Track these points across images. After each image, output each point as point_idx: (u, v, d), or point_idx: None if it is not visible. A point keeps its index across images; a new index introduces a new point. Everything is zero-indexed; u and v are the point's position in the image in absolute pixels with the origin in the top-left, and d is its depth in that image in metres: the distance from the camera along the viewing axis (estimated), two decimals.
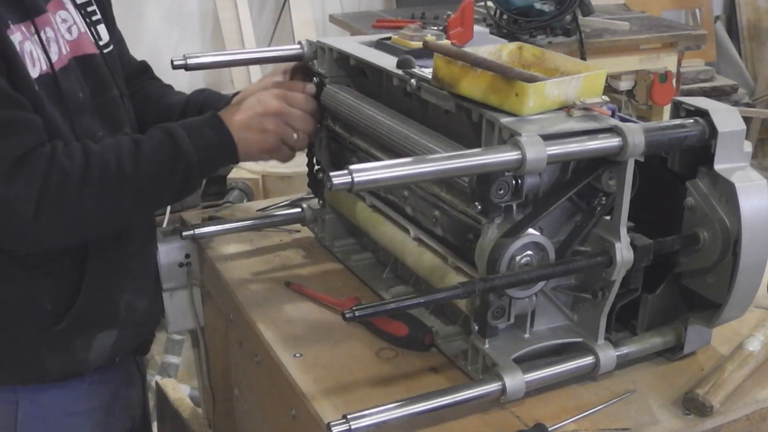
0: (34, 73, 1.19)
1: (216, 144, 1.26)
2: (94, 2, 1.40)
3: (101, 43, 1.38)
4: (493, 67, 1.04)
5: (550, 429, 1.01)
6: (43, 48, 1.22)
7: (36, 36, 1.21)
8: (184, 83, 4.18)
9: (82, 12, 1.36)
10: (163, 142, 1.24)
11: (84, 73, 1.31)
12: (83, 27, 1.34)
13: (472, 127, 1.08)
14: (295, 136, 1.31)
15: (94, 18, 1.39)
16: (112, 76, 1.38)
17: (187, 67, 1.35)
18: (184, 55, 1.35)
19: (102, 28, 1.40)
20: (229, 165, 1.39)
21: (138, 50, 1.62)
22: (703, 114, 1.05)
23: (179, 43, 3.94)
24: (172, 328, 1.57)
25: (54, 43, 1.25)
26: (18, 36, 1.18)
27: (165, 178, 1.23)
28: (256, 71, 3.71)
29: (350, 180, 0.86)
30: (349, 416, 0.94)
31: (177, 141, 1.23)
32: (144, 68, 1.61)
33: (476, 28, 1.34)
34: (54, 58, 1.24)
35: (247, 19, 3.87)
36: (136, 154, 1.21)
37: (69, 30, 1.31)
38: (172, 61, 1.33)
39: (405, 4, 3.99)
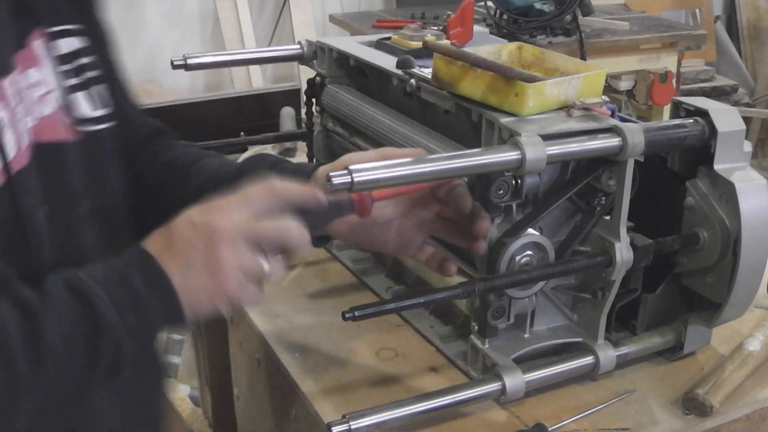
0: None
1: (151, 304, 0.79)
2: (92, 44, 0.95)
3: (94, 114, 0.93)
4: (493, 67, 1.04)
5: (550, 429, 1.01)
6: None
7: None
8: (184, 83, 4.19)
9: (70, 67, 0.91)
10: (74, 314, 0.76)
11: (46, 175, 0.85)
12: (60, 96, 0.89)
13: (472, 127, 1.08)
14: (266, 267, 0.82)
15: (89, 75, 0.93)
16: (91, 175, 0.92)
17: (187, 67, 1.35)
18: (183, 55, 1.35)
19: (101, 90, 0.95)
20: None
21: (138, 50, 1.61)
22: (703, 114, 1.05)
23: (179, 43, 3.94)
24: None
25: (10, 130, 0.80)
26: None
27: (82, 372, 0.78)
28: (256, 71, 3.71)
29: (350, 180, 0.86)
30: (349, 416, 0.94)
31: (95, 310, 0.77)
32: (159, 131, 1.13)
33: (476, 28, 1.34)
34: (11, 153, 0.80)
35: (247, 19, 3.87)
36: (33, 345, 0.74)
37: (41, 100, 0.86)
38: (172, 61, 1.33)
39: (405, 4, 3.99)
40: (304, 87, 1.45)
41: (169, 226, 0.83)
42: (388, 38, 1.33)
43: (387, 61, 1.24)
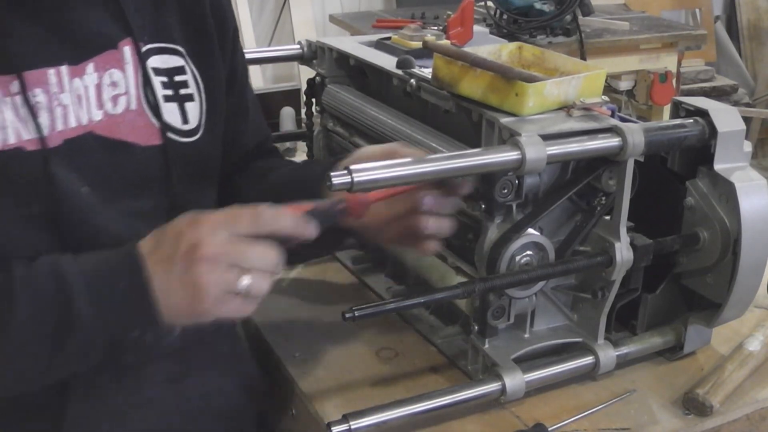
0: None
1: (130, 308, 0.85)
2: (191, 71, 1.04)
3: (185, 127, 1.02)
4: (493, 67, 1.04)
5: (549, 429, 1.01)
6: (31, 114, 0.90)
7: (19, 97, 0.89)
8: None
9: (166, 80, 1.01)
10: (49, 300, 0.84)
11: (109, 163, 0.96)
12: (138, 102, 0.98)
13: (472, 127, 1.08)
14: (245, 282, 0.85)
15: (181, 92, 1.03)
16: (169, 176, 1.00)
17: None
18: None
19: (192, 107, 1.03)
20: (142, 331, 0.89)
21: None
22: (703, 114, 1.05)
23: None
24: None
25: (46, 112, 0.91)
26: None
27: (43, 354, 0.85)
28: (256, 71, 3.71)
29: (350, 180, 0.86)
30: (349, 416, 0.94)
31: (71, 303, 0.83)
32: (263, 143, 1.24)
33: (476, 28, 1.34)
34: (45, 131, 0.91)
35: (247, 19, 3.87)
36: (2, 314, 0.83)
37: (114, 99, 0.97)
38: None
39: (405, 4, 3.98)
40: (304, 87, 1.45)
41: (163, 231, 0.88)
42: (388, 38, 1.33)
43: (387, 61, 1.24)
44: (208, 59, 1.07)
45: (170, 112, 1.01)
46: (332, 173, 0.85)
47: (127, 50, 0.98)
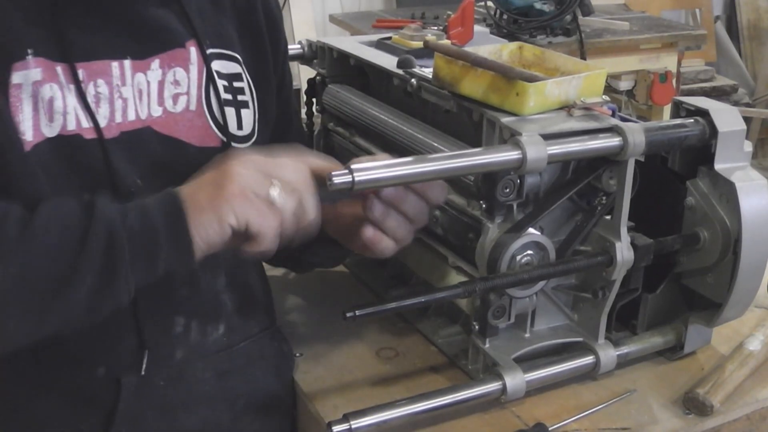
0: (49, 130, 0.90)
1: (155, 213, 0.85)
2: (246, 78, 1.06)
3: (240, 133, 1.04)
4: (494, 67, 1.04)
5: (550, 428, 1.01)
6: (85, 105, 0.91)
7: (77, 86, 0.91)
8: None
9: (227, 84, 1.03)
10: (72, 207, 0.84)
11: (164, 159, 0.97)
12: (197, 103, 1.00)
13: (473, 126, 1.09)
14: (274, 189, 0.86)
15: (240, 98, 1.04)
16: None
17: None
18: None
19: (247, 114, 1.05)
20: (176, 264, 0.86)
21: None
22: (704, 114, 1.05)
23: None
24: None
25: (106, 103, 0.93)
26: (35, 73, 0.89)
27: (69, 254, 0.81)
28: None
29: (351, 179, 0.86)
30: (349, 416, 0.94)
31: (94, 206, 0.83)
32: None
33: (476, 27, 1.34)
34: (102, 123, 0.92)
35: None
36: (26, 221, 0.81)
37: (174, 99, 0.98)
38: None
39: (405, 4, 3.98)
40: (304, 87, 1.45)
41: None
42: (389, 38, 1.32)
43: (388, 61, 1.24)
44: (261, 68, 1.09)
45: (229, 117, 1.03)
46: (333, 173, 0.86)
47: (193, 51, 1.00)
